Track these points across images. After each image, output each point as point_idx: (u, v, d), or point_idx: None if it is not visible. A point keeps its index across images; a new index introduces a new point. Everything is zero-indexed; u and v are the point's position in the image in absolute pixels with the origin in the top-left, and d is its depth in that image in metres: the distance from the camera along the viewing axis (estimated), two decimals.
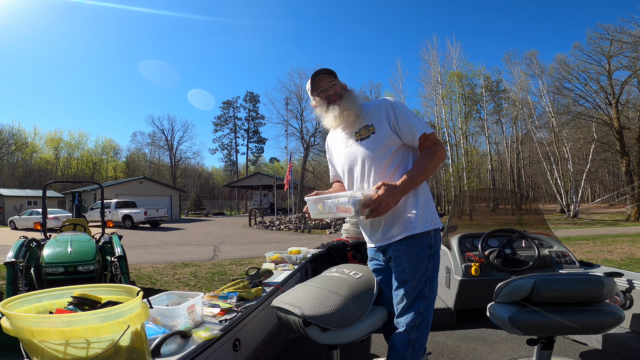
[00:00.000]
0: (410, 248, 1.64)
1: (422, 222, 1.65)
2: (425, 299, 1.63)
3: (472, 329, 3.07)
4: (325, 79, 1.77)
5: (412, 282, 1.63)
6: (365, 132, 1.73)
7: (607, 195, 31.03)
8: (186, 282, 6.03)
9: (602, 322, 1.78)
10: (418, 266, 1.63)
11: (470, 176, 26.35)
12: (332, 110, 1.75)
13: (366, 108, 1.78)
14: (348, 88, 1.81)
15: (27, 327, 0.98)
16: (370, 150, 1.70)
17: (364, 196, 1.50)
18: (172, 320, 1.55)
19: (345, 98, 1.75)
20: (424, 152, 1.66)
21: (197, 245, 11.78)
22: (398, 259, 1.67)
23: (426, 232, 1.65)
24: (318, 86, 1.78)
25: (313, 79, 1.78)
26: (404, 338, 1.61)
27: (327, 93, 1.76)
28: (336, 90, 1.76)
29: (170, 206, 30.38)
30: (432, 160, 1.63)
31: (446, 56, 28.26)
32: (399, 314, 1.66)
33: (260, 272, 2.53)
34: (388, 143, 1.68)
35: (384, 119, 1.69)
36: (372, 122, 1.72)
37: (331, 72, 1.77)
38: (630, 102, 23.64)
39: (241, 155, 55.81)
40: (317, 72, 1.77)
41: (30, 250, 4.23)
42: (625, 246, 9.29)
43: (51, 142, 48.97)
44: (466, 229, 3.62)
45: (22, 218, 19.75)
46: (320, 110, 1.80)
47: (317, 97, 1.79)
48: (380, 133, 1.68)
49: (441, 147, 1.67)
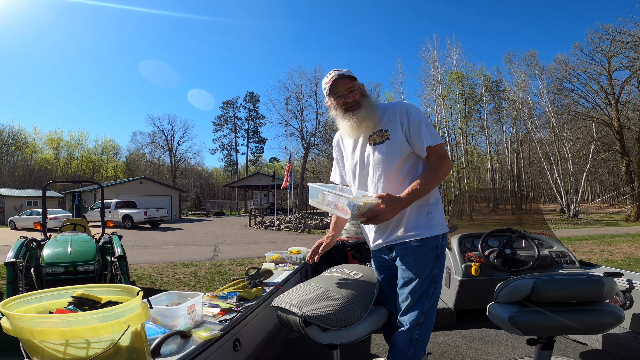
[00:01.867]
0: (417, 247, 1.64)
1: (432, 226, 1.66)
2: (429, 299, 1.64)
3: (472, 329, 3.07)
4: (344, 83, 1.71)
5: (417, 281, 1.63)
6: (379, 137, 1.71)
7: (607, 195, 31.02)
8: (186, 282, 6.03)
9: (602, 322, 1.78)
10: (425, 265, 1.64)
11: (470, 176, 26.35)
12: (350, 119, 1.71)
13: (382, 111, 1.75)
14: (366, 92, 1.76)
15: (27, 327, 0.98)
16: (383, 155, 1.69)
17: (363, 203, 1.48)
18: (172, 320, 1.55)
19: (364, 107, 1.71)
20: (429, 166, 1.66)
21: (197, 245, 11.78)
22: (405, 257, 1.67)
23: (434, 235, 1.67)
24: (336, 91, 1.72)
25: (332, 84, 1.71)
26: (407, 337, 1.61)
27: (346, 100, 1.71)
28: (355, 97, 1.71)
29: (170, 206, 30.38)
30: (437, 175, 1.63)
31: (446, 56, 28.30)
32: (403, 313, 1.66)
33: (260, 272, 2.53)
34: (401, 150, 1.68)
35: (397, 126, 1.68)
36: (387, 127, 1.71)
37: (350, 76, 1.71)
38: (630, 102, 23.66)
39: (241, 155, 55.92)
40: (337, 78, 1.70)
41: (30, 250, 4.23)
42: (625, 246, 9.30)
43: (51, 142, 48.98)
44: (466, 229, 3.62)
45: (22, 218, 19.76)
46: (335, 113, 1.77)
47: (334, 101, 1.75)
48: (394, 139, 1.68)
49: (447, 161, 1.67)
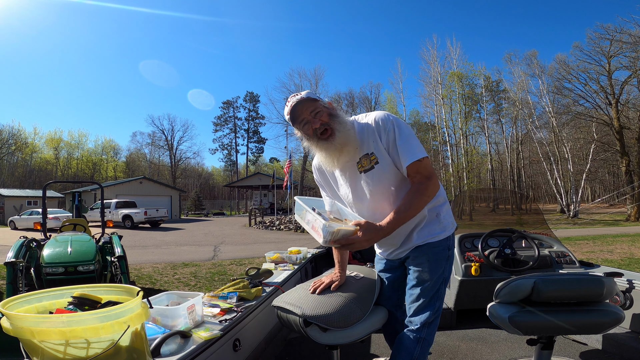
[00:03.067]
0: (430, 249, 1.64)
1: (443, 227, 1.66)
2: (440, 299, 1.65)
3: (472, 329, 3.07)
4: (305, 108, 1.52)
5: (430, 282, 1.62)
6: (367, 163, 1.57)
7: (607, 195, 31.03)
8: (186, 282, 6.03)
9: (602, 322, 1.78)
10: (437, 267, 1.64)
11: (470, 176, 26.36)
12: (327, 149, 1.55)
13: (359, 130, 1.58)
14: (334, 111, 1.57)
15: (27, 327, 0.98)
16: (378, 181, 1.57)
17: (337, 230, 1.40)
18: (172, 320, 1.55)
19: (338, 130, 1.52)
20: (413, 189, 1.52)
21: (197, 245, 11.78)
22: (417, 259, 1.67)
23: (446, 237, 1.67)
24: (300, 119, 1.54)
25: (292, 112, 1.54)
26: (415, 335, 1.60)
27: (313, 126, 1.52)
28: (322, 120, 1.52)
29: (170, 206, 30.37)
30: (422, 199, 1.50)
31: (446, 56, 28.28)
32: (414, 313, 1.64)
33: (260, 272, 2.53)
34: (394, 170, 1.57)
35: (380, 147, 1.54)
36: (371, 149, 1.56)
37: (310, 98, 1.53)
38: (630, 102, 23.66)
39: (241, 155, 55.91)
40: (295, 104, 1.52)
41: (30, 250, 4.23)
42: (625, 246, 9.30)
43: (51, 142, 48.97)
44: (466, 229, 3.62)
45: (22, 218, 19.75)
46: (309, 144, 1.59)
47: (302, 131, 1.57)
48: (383, 162, 1.55)
49: (432, 182, 1.52)
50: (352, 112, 33.40)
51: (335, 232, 1.40)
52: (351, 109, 33.84)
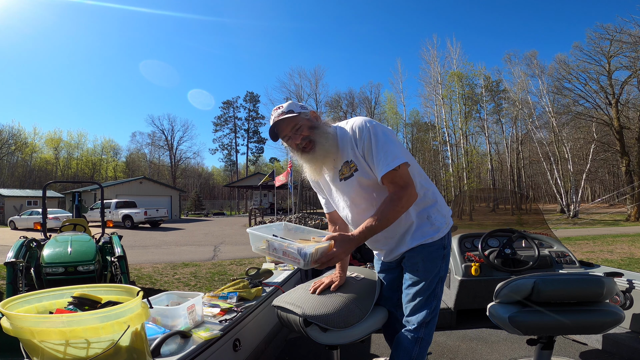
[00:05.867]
0: (424, 249, 1.64)
1: (436, 229, 1.65)
2: (436, 298, 1.64)
3: (472, 329, 3.07)
4: (285, 124, 1.56)
5: (425, 282, 1.62)
6: (347, 171, 1.60)
7: (607, 195, 31.03)
8: (186, 282, 6.03)
9: (602, 322, 1.78)
10: (433, 266, 1.63)
11: (470, 176, 26.38)
12: (309, 161, 1.60)
13: (341, 137, 1.61)
14: (315, 122, 1.60)
15: (27, 327, 0.98)
16: (358, 189, 1.61)
17: (315, 250, 1.38)
18: (172, 320, 1.55)
19: (319, 142, 1.56)
20: (387, 199, 1.51)
21: (197, 245, 11.78)
22: (412, 258, 1.67)
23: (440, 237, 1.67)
24: (282, 135, 1.60)
25: (273, 130, 1.59)
26: (413, 335, 1.60)
27: (295, 142, 1.58)
28: (303, 134, 1.56)
29: (170, 206, 30.37)
30: (395, 210, 1.49)
31: (446, 56, 28.34)
32: (411, 313, 1.64)
33: (260, 272, 2.53)
34: (373, 177, 1.58)
35: (358, 155, 1.57)
36: (350, 157, 1.58)
37: (291, 115, 1.54)
38: (630, 102, 23.67)
39: (241, 155, 55.93)
40: (276, 122, 1.55)
41: (30, 250, 4.23)
42: (625, 246, 9.29)
43: (51, 142, 48.95)
44: (466, 229, 3.63)
45: (22, 218, 19.75)
46: (294, 156, 1.67)
47: (287, 144, 1.64)
48: (362, 170, 1.57)
49: (407, 192, 1.49)
50: (352, 112, 33.43)
51: (314, 252, 1.38)
52: (351, 109, 33.86)
